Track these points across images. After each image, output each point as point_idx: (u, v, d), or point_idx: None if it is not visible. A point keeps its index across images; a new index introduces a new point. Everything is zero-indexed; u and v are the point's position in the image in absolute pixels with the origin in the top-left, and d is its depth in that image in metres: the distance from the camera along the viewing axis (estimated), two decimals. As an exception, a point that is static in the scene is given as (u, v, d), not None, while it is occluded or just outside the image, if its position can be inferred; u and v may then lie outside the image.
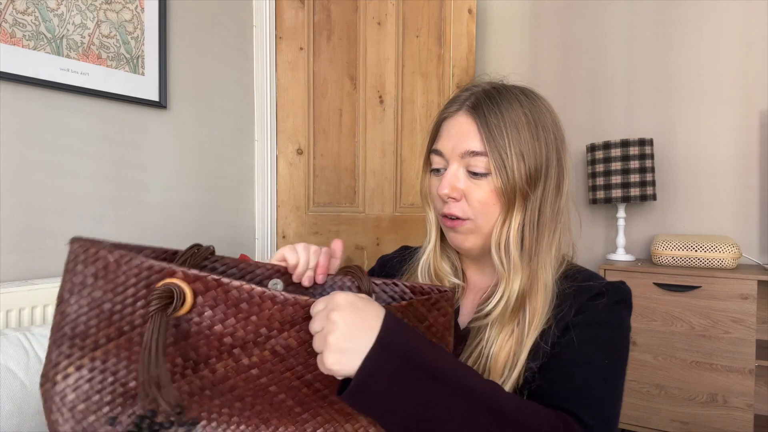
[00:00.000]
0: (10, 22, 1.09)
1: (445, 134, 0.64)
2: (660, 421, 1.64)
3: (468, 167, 0.62)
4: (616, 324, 0.60)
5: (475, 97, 0.63)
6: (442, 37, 1.91)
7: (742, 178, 1.84)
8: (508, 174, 0.60)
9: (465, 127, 0.62)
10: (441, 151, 0.64)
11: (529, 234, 0.62)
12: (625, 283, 0.65)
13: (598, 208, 2.09)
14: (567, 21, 2.14)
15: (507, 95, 0.63)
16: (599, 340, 0.58)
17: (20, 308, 1.03)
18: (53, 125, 1.18)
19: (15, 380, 0.82)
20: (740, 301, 1.55)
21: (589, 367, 0.56)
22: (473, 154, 0.61)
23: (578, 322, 0.59)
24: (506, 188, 0.60)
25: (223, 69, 1.63)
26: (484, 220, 0.62)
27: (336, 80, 1.87)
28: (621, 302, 0.62)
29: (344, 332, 0.42)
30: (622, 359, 0.59)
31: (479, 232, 0.63)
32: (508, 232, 0.61)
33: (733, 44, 1.85)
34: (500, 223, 0.62)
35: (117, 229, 1.31)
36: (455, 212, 0.63)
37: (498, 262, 0.62)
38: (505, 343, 0.59)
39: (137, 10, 1.35)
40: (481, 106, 0.62)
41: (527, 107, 0.62)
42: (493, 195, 0.61)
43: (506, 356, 0.59)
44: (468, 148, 0.61)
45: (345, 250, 2.04)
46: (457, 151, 0.62)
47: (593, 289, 0.62)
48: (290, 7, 1.80)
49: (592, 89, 2.10)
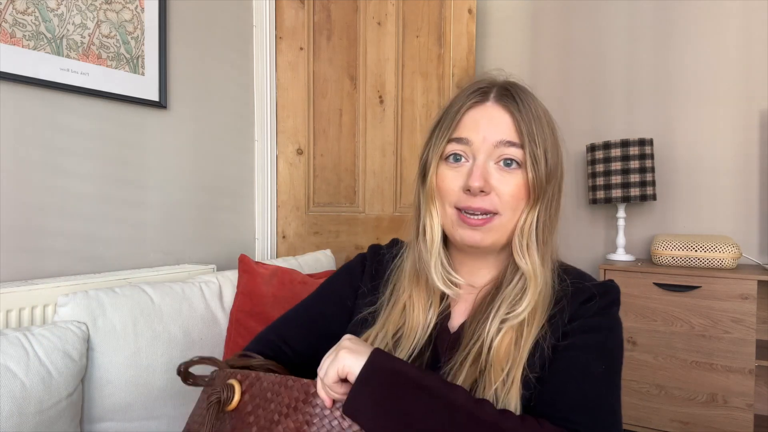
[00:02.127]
0: (10, 22, 1.09)
1: (471, 124, 0.61)
2: (660, 421, 1.64)
3: (501, 157, 0.60)
4: (610, 326, 0.60)
5: (499, 89, 0.62)
6: (442, 37, 1.91)
7: (742, 178, 1.84)
8: (539, 167, 0.59)
9: (497, 118, 0.61)
10: (469, 139, 0.61)
11: (543, 231, 0.61)
12: (613, 281, 0.64)
13: (598, 208, 2.09)
14: (567, 21, 2.14)
15: (528, 91, 0.63)
16: (595, 347, 0.57)
17: (20, 308, 1.03)
18: (53, 125, 1.18)
19: (15, 380, 0.82)
20: (740, 301, 1.55)
21: (589, 376, 0.55)
22: (509, 144, 0.59)
23: (574, 330, 0.58)
24: (536, 182, 0.59)
25: (223, 69, 1.63)
26: (511, 215, 0.61)
27: (336, 80, 1.87)
28: (613, 303, 0.62)
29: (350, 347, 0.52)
30: (617, 362, 0.59)
31: (503, 228, 0.61)
32: (531, 226, 0.61)
33: (733, 44, 1.85)
34: (524, 218, 0.61)
35: (117, 229, 1.31)
36: (486, 206, 0.59)
37: (521, 259, 0.61)
38: (505, 336, 0.58)
39: (137, 10, 1.35)
40: (512, 98, 0.61)
41: (540, 106, 0.63)
42: (523, 188, 0.60)
43: (506, 350, 0.58)
44: (503, 137, 0.59)
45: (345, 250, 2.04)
46: (490, 140, 0.60)
47: (585, 291, 0.61)
48: (290, 7, 1.80)
49: (592, 89, 2.10)
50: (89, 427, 0.99)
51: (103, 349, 0.99)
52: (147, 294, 1.10)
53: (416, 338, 0.63)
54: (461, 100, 0.63)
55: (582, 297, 0.61)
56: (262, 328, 1.21)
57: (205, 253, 1.57)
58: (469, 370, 0.58)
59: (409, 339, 0.63)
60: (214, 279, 1.27)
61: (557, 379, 0.56)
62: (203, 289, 1.22)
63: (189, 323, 1.14)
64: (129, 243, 1.34)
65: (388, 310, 0.67)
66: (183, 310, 1.14)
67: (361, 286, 0.74)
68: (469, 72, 1.91)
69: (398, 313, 0.66)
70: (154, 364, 1.06)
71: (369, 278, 0.74)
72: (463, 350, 0.60)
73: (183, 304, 1.15)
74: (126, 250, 1.34)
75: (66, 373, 0.90)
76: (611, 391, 0.56)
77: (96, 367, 0.99)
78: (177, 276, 1.34)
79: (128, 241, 1.34)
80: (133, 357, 1.03)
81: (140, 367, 1.04)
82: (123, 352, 1.01)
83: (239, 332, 1.22)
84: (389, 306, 0.68)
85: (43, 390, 0.85)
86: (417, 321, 0.64)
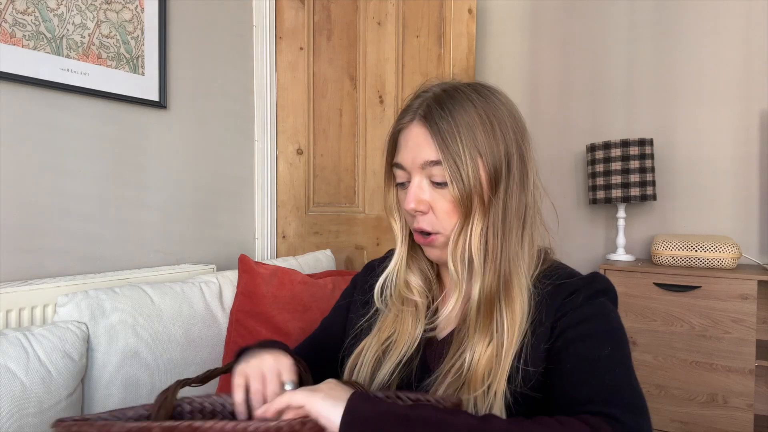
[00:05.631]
0: (10, 22, 1.09)
1: (403, 146, 0.62)
2: (660, 421, 1.64)
3: (430, 177, 0.60)
4: (601, 313, 0.58)
5: (426, 104, 0.61)
6: (442, 37, 1.91)
7: (742, 178, 1.84)
8: (464, 181, 0.58)
9: (419, 138, 0.60)
10: (401, 164, 0.62)
11: (493, 238, 0.59)
12: (599, 273, 0.63)
13: (598, 208, 2.10)
14: (567, 21, 2.14)
15: (458, 97, 0.60)
16: (594, 334, 0.56)
17: (20, 308, 1.03)
18: (53, 125, 1.18)
19: (15, 380, 0.82)
20: (740, 301, 1.55)
21: (595, 363, 0.54)
22: (431, 164, 0.59)
23: (564, 326, 0.57)
24: (463, 196, 0.58)
25: (223, 69, 1.63)
26: (454, 232, 0.60)
27: (336, 80, 1.87)
28: (599, 292, 0.60)
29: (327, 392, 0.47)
30: (622, 342, 0.56)
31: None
32: (468, 241, 0.59)
33: (733, 44, 1.85)
34: (457, 233, 0.60)
35: (117, 229, 1.31)
36: (424, 227, 0.61)
37: (453, 271, 0.60)
38: (485, 350, 0.57)
39: (137, 10, 1.35)
40: (432, 114, 0.59)
41: (480, 106, 0.60)
42: (452, 204, 0.59)
43: (487, 363, 0.56)
44: (425, 158, 0.59)
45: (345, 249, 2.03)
46: (417, 162, 0.60)
47: (568, 287, 0.60)
48: (290, 7, 1.80)
49: (592, 89, 2.10)
50: (89, 427, 0.99)
51: (103, 349, 0.99)
52: (147, 294, 1.10)
53: (404, 347, 0.63)
54: (396, 122, 0.65)
55: (564, 293, 0.59)
56: (262, 328, 1.22)
57: (205, 253, 1.57)
58: (451, 383, 0.57)
59: (397, 348, 0.63)
60: (214, 279, 1.27)
61: (569, 380, 0.54)
62: (203, 290, 1.22)
63: (189, 323, 1.14)
64: (129, 243, 1.34)
65: (382, 319, 0.68)
66: (183, 310, 1.14)
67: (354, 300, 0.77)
68: (469, 72, 1.91)
69: (390, 322, 0.67)
70: (154, 364, 1.06)
71: (361, 293, 0.77)
72: (448, 362, 0.60)
73: (183, 304, 1.15)
74: (126, 250, 1.33)
75: (66, 373, 0.90)
76: (624, 370, 0.53)
77: (96, 367, 0.99)
78: (177, 276, 1.33)
79: (128, 241, 1.34)
80: (133, 357, 1.03)
81: (140, 367, 1.04)
82: (123, 353, 1.01)
83: (239, 332, 1.22)
84: (383, 315, 0.69)
85: (43, 390, 0.85)
86: (406, 329, 0.65)
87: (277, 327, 1.23)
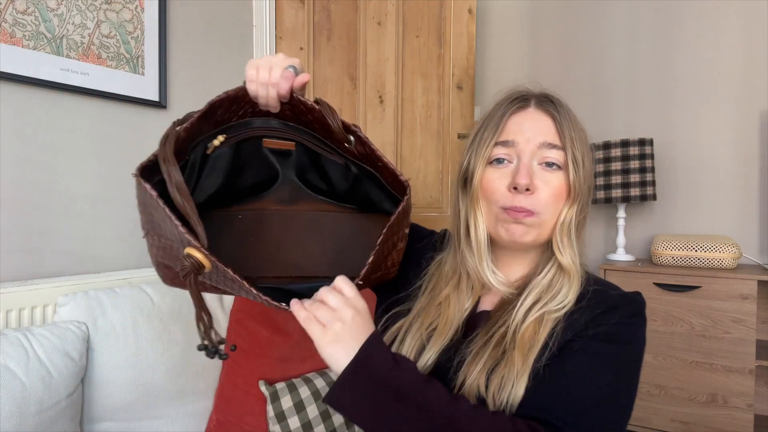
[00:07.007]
0: (10, 22, 1.09)
1: (515, 127, 0.65)
2: (660, 421, 1.64)
3: (544, 159, 0.63)
4: (629, 339, 0.59)
5: (538, 97, 0.67)
6: (442, 37, 1.91)
7: (742, 178, 1.84)
8: (578, 169, 0.63)
9: (539, 122, 0.65)
10: (514, 141, 0.64)
11: (577, 229, 0.65)
12: (641, 294, 0.65)
13: (598, 208, 2.09)
14: (567, 21, 2.14)
15: (562, 100, 0.67)
16: (608, 356, 0.57)
17: (20, 308, 1.03)
18: (53, 125, 1.18)
19: (15, 380, 0.82)
20: (740, 301, 1.55)
21: (592, 383, 0.55)
22: (550, 146, 0.63)
23: (589, 335, 0.58)
24: (576, 183, 0.63)
25: (223, 69, 1.62)
26: (550, 215, 0.64)
27: (336, 80, 1.87)
28: (636, 315, 0.61)
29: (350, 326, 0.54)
30: (630, 375, 0.58)
31: (542, 227, 0.64)
32: (571, 224, 0.64)
33: (733, 44, 1.85)
34: (563, 216, 0.64)
35: (117, 229, 1.31)
36: (527, 206, 0.62)
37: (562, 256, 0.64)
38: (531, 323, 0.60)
39: (137, 10, 1.35)
40: (553, 105, 0.66)
41: (574, 115, 0.67)
42: (563, 188, 0.63)
43: (530, 336, 0.59)
44: (546, 139, 0.63)
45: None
46: (534, 142, 0.63)
47: (608, 299, 0.62)
48: (290, 7, 1.80)
49: (592, 89, 2.10)
50: (89, 427, 0.99)
51: (103, 349, 0.99)
52: (147, 294, 1.10)
53: (449, 333, 0.66)
54: (503, 107, 0.67)
55: (604, 305, 0.61)
56: (262, 328, 1.22)
57: (205, 253, 1.57)
58: (492, 352, 0.59)
59: (442, 334, 0.65)
60: (214, 279, 1.27)
61: (558, 380, 0.55)
62: (203, 289, 1.22)
63: (189, 323, 1.14)
64: (129, 243, 1.34)
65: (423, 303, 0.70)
66: (183, 310, 1.14)
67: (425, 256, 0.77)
68: (469, 72, 1.91)
69: (434, 308, 0.69)
70: (154, 364, 1.06)
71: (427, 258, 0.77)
72: (488, 331, 0.62)
73: (183, 304, 1.15)
74: (126, 250, 1.33)
75: (66, 373, 0.90)
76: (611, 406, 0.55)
77: (96, 367, 0.99)
78: (177, 276, 1.33)
79: (128, 241, 1.34)
80: (133, 357, 1.03)
81: (140, 367, 1.04)
82: (123, 352, 1.01)
83: (239, 332, 1.22)
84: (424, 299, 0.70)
85: (43, 390, 0.85)
86: (453, 316, 0.67)
87: (277, 327, 1.23)
